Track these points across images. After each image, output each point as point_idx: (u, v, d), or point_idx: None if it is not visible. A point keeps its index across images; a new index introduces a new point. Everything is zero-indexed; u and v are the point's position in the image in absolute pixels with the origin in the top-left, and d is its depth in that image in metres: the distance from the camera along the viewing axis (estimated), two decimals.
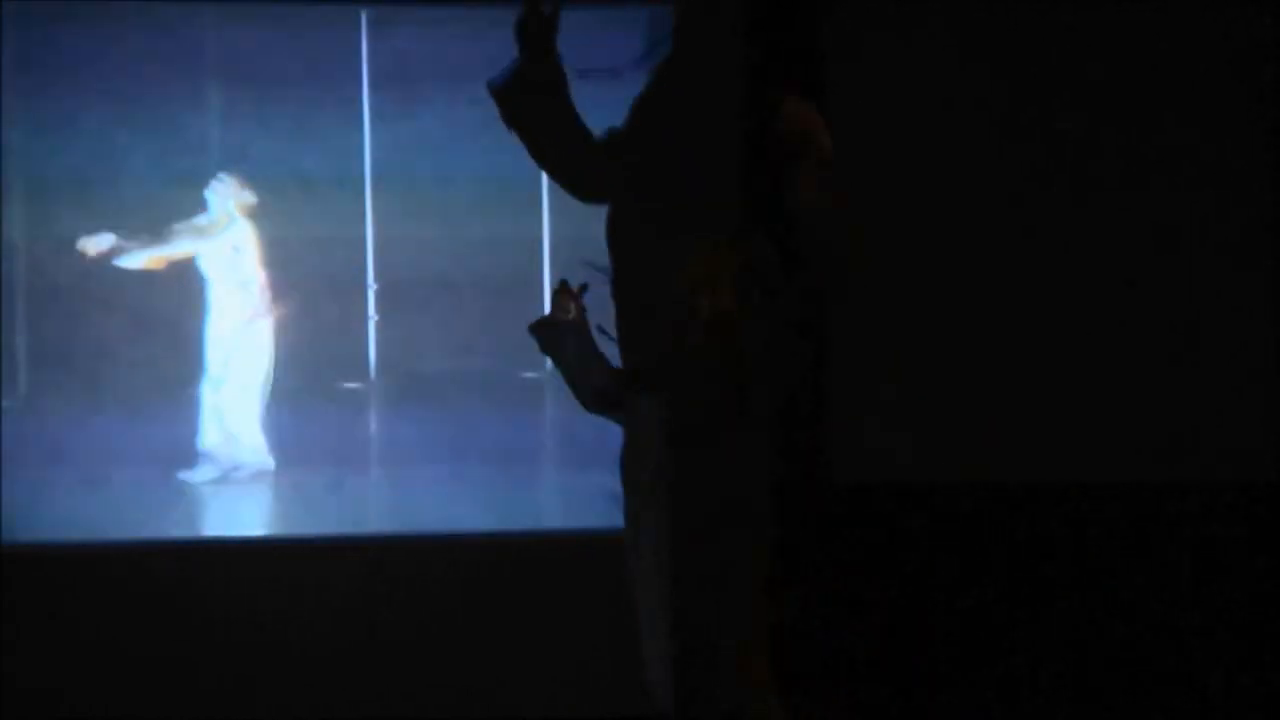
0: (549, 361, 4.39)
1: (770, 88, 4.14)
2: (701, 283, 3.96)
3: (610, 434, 4.24)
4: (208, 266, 6.29)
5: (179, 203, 6.29)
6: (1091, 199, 6.32)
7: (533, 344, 4.29)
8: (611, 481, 4.21)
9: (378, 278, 6.36)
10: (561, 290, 4.31)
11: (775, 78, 5.94)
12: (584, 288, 4.27)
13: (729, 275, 3.97)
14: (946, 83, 6.28)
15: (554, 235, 6.41)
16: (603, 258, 4.51)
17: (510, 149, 6.26)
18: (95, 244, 6.14)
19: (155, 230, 6.24)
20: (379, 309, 6.36)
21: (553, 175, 4.37)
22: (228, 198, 6.29)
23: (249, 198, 6.29)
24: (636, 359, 4.05)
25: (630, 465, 4.09)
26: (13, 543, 5.99)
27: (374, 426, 6.41)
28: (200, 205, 6.30)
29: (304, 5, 6.35)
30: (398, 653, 6.07)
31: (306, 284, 6.34)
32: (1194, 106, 6.34)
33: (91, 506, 6.17)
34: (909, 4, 6.29)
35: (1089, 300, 6.30)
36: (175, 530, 6.28)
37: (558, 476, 6.44)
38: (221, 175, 6.28)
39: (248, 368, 6.32)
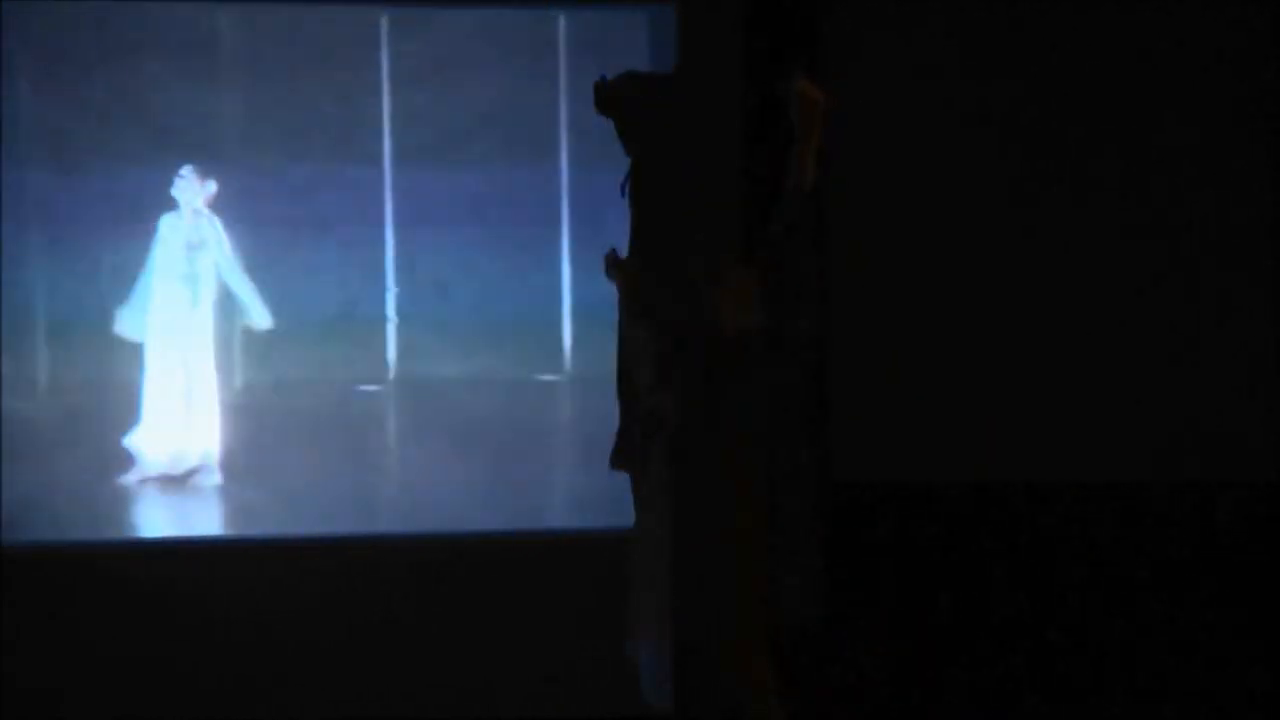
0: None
1: (783, 73, 4.18)
2: (728, 300, 3.99)
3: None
4: (157, 259, 6.27)
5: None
6: (1091, 199, 6.32)
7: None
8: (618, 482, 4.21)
9: (397, 280, 6.34)
10: (611, 261, 4.36)
11: (776, 77, 5.97)
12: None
13: (751, 293, 4.00)
14: (946, 82, 6.28)
15: (572, 233, 6.39)
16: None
17: (532, 145, 6.26)
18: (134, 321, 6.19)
19: (152, 238, 6.25)
20: (398, 311, 6.34)
21: None
22: (195, 193, 6.26)
23: (212, 188, 6.27)
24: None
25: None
26: (13, 543, 5.99)
27: (391, 428, 6.38)
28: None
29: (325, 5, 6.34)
30: (397, 652, 6.07)
31: (324, 283, 6.31)
32: (1194, 106, 6.34)
33: (92, 507, 6.18)
34: (908, 3, 6.29)
35: (1089, 300, 6.29)
36: (173, 530, 6.28)
37: (581, 478, 6.41)
38: (184, 170, 6.25)
39: (194, 363, 6.29)
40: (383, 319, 6.34)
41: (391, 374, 6.36)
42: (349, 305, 6.32)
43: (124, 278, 6.22)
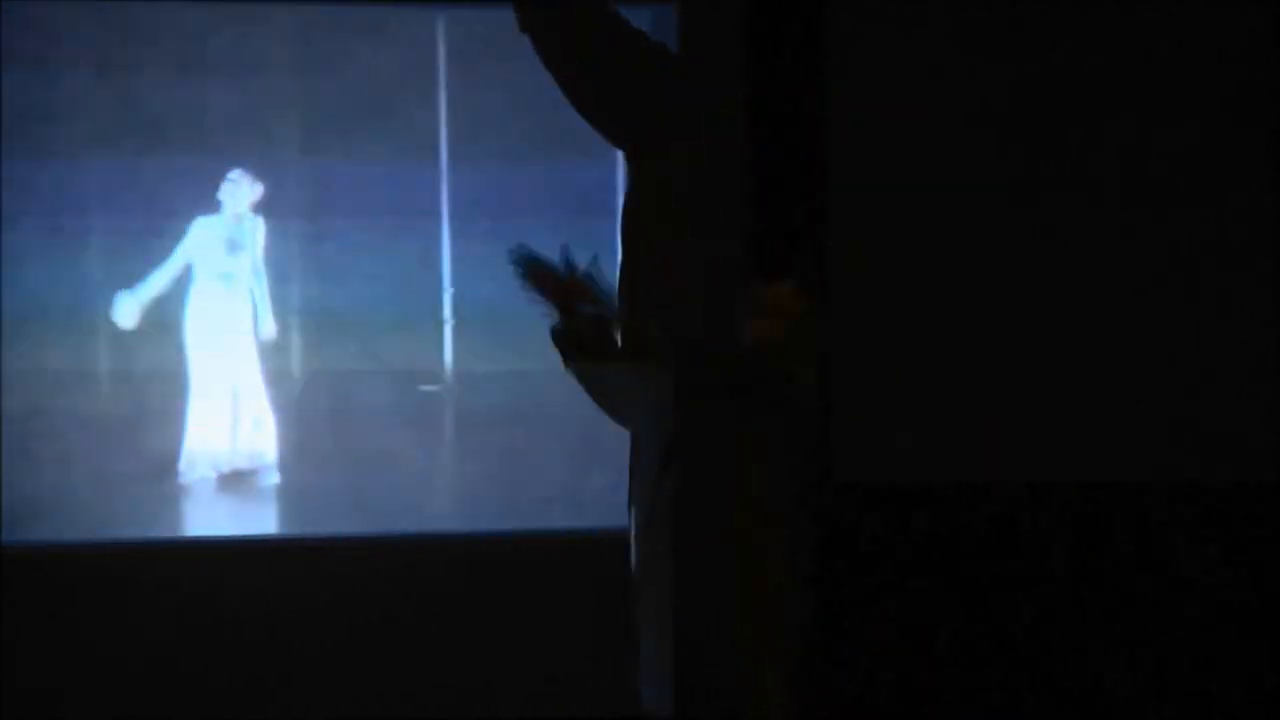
0: None
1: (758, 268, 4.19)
2: (763, 314, 4.01)
3: None
4: (194, 260, 6.27)
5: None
6: (1092, 198, 6.32)
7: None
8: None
9: (453, 281, 6.32)
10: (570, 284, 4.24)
11: (776, 79, 5.98)
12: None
13: (785, 312, 4.02)
14: (947, 81, 6.28)
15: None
16: None
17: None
18: (129, 309, 6.16)
19: (179, 235, 6.24)
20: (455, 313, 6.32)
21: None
22: (243, 196, 6.26)
23: (259, 191, 6.27)
24: (642, 348, 4.07)
25: (638, 468, 4.10)
26: (13, 543, 5.98)
27: (448, 427, 6.34)
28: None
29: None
30: (398, 652, 6.07)
31: (382, 284, 6.30)
32: (1194, 106, 6.34)
33: (145, 505, 6.16)
34: (909, 3, 6.29)
35: (1089, 300, 6.29)
36: (226, 530, 6.26)
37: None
38: (233, 174, 6.26)
39: (238, 362, 6.29)
40: (440, 319, 6.32)
41: (449, 374, 6.34)
42: (406, 305, 6.29)
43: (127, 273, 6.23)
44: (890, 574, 6.20)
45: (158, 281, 6.22)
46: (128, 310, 6.18)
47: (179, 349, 6.25)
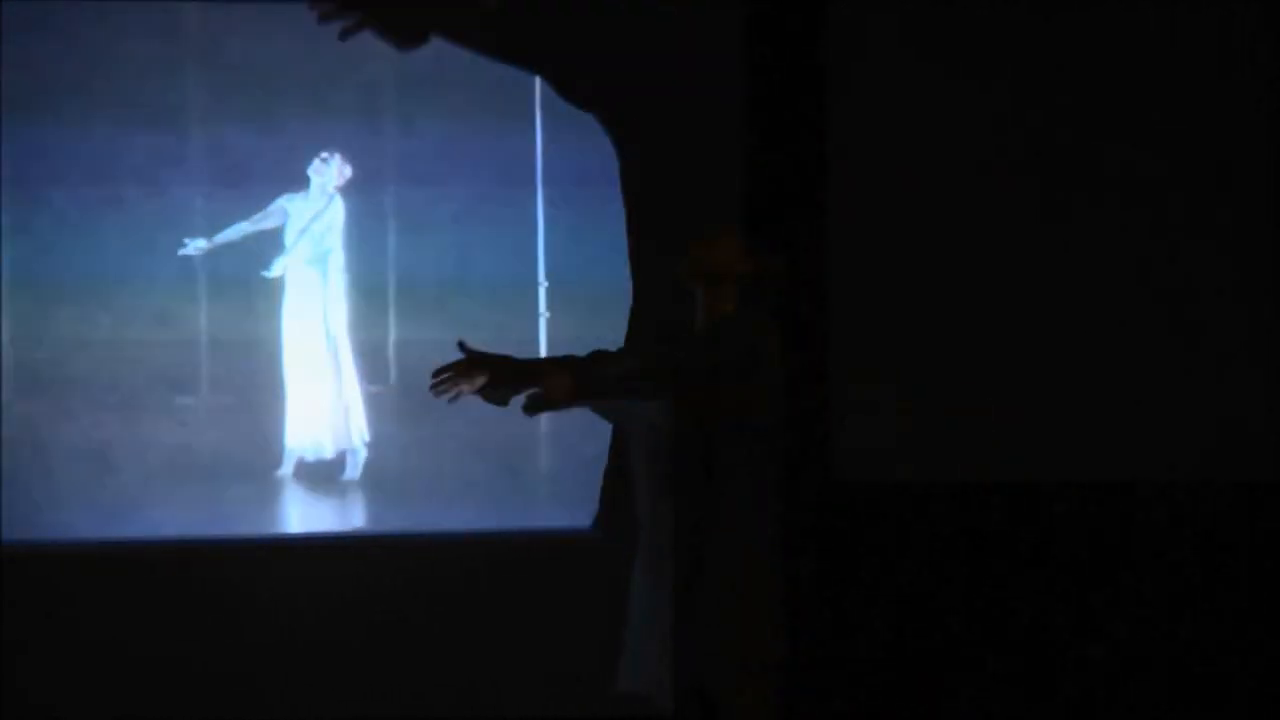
0: None
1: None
2: (701, 278, 3.98)
3: None
4: (289, 242, 6.27)
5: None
6: (1091, 199, 6.32)
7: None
8: None
9: (548, 275, 6.30)
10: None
11: (775, 84, 5.97)
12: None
13: (731, 275, 3.99)
14: (945, 84, 6.28)
15: None
16: None
17: None
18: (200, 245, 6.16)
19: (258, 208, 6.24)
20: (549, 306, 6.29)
21: None
22: (333, 177, 6.25)
23: (349, 173, 6.25)
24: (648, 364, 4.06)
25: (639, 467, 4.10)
26: (13, 543, 5.98)
27: (544, 427, 6.31)
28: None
29: None
30: (398, 652, 6.07)
31: (475, 280, 6.27)
32: (1194, 107, 6.34)
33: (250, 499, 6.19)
34: (909, 6, 6.29)
35: (1089, 300, 6.29)
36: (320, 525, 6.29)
37: None
38: (325, 154, 6.25)
39: (333, 346, 6.30)
40: (536, 314, 6.31)
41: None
42: (502, 297, 6.27)
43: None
44: (889, 574, 6.20)
45: (231, 232, 6.19)
46: (197, 246, 6.17)
47: (275, 331, 6.25)
